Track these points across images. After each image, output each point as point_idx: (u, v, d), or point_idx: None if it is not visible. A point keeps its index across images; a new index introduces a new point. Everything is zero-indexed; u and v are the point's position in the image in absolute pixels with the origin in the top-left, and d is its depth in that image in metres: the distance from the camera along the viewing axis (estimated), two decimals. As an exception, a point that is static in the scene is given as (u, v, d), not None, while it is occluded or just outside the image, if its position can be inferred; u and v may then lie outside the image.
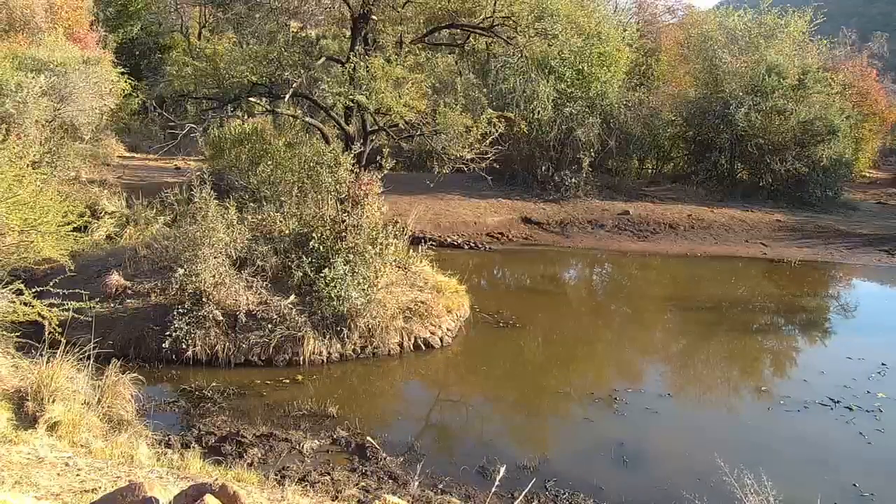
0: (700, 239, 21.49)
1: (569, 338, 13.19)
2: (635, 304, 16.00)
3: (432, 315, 11.99)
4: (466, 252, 18.93)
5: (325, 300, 10.97)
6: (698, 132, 26.23)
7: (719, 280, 18.13)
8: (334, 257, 11.32)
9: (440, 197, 21.69)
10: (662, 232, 21.78)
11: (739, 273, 18.95)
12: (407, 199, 20.05)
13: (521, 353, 12.19)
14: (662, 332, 14.41)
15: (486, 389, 10.80)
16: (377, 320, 11.27)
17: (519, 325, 13.17)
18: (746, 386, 11.44)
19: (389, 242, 12.35)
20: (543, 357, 12.19)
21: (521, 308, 14.21)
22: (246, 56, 14.80)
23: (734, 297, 16.41)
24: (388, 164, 13.20)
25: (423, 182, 20.11)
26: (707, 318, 14.55)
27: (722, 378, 11.99)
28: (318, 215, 12.23)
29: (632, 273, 19.05)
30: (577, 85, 23.18)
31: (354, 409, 9.47)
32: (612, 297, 16.99)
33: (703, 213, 23.11)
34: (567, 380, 11.02)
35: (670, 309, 15.61)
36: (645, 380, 11.63)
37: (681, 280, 18.25)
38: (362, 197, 12.41)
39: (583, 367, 11.85)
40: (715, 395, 11.22)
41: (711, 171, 26.15)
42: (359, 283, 11.18)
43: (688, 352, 13.20)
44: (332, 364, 10.81)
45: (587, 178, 23.49)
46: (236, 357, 10.50)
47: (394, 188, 15.50)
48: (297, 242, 11.86)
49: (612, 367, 12.21)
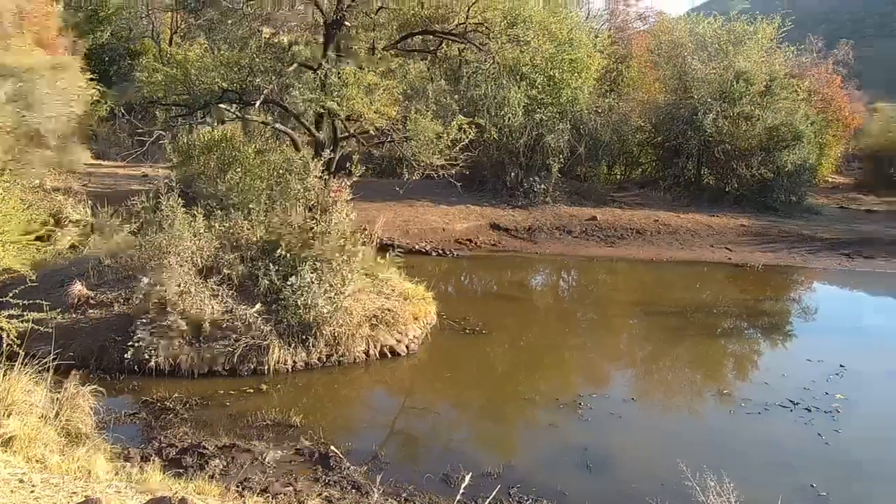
0: (667, 244, 21.70)
1: (535, 344, 13.22)
2: (602, 310, 16.08)
3: (399, 322, 11.96)
4: (434, 259, 18.94)
5: (291, 308, 10.89)
6: (667, 138, 26.50)
7: (685, 285, 18.31)
8: (301, 265, 11.23)
9: (409, 203, 21.72)
10: (630, 237, 21.97)
11: (705, 278, 19.15)
12: (376, 206, 20.03)
13: (488, 360, 12.20)
14: (628, 337, 14.51)
15: (452, 396, 10.78)
16: (343, 328, 11.21)
17: (486, 331, 13.18)
18: (709, 389, 11.55)
19: (357, 250, 12.26)
20: (509, 363, 12.20)
21: (489, 314, 14.23)
22: (217, 62, 14.66)
23: (699, 301, 16.58)
24: (358, 171, 13.13)
25: (392, 189, 20.10)
26: (672, 322, 14.67)
27: (686, 382, 12.09)
28: (286, 223, 12.15)
29: (599, 279, 19.18)
30: (547, 91, 23.31)
31: (319, 418, 9.40)
32: (579, 302, 17.06)
33: (669, 218, 23.35)
34: (533, 386, 11.03)
35: (636, 314, 15.72)
36: (610, 385, 11.69)
37: (647, 285, 18.40)
38: (331, 204, 12.37)
39: (548, 373, 11.87)
40: (678, 398, 11.30)
41: (679, 176, 26.47)
42: (325, 291, 11.11)
43: (653, 356, 13.29)
44: (297, 373, 10.72)
45: (556, 184, 23.65)
46: (200, 367, 10.38)
47: (363, 195, 15.45)
48: (264, 250, 11.77)
49: (578, 373, 12.25)
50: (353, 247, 12.07)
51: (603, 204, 24.27)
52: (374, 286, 12.68)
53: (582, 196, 24.58)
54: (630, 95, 28.13)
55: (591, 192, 25.05)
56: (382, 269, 13.24)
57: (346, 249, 11.87)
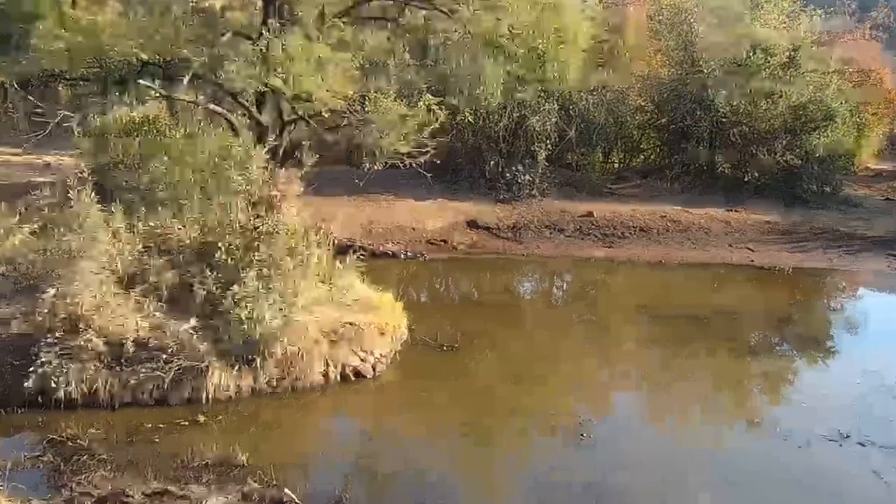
0: (676, 243, 21.91)
1: (524, 360, 13.29)
2: (602, 320, 16.24)
3: (363, 338, 12.00)
4: (403, 262, 19.04)
5: (233, 323, 10.83)
6: (672, 119, 26.73)
7: (699, 291, 18.54)
8: (245, 271, 11.20)
9: (371, 198, 21.73)
10: (632, 236, 22.16)
11: (723, 283, 19.42)
12: (332, 201, 20.01)
13: (468, 380, 12.26)
14: (635, 351, 14.60)
15: (428, 425, 10.82)
16: (297, 346, 11.21)
17: (465, 346, 13.26)
18: (735, 415, 11.66)
19: (311, 253, 12.33)
20: (494, 383, 12.26)
21: (468, 327, 14.30)
22: (134, 29, 14.52)
23: (717, 310, 16.71)
24: (310, 160, 13.25)
25: (351, 180, 19.96)
26: (686, 334, 14.80)
27: (706, 406, 12.23)
28: (225, 221, 12.12)
29: (597, 283, 19.35)
30: (530, 66, 23.40)
31: (269, 454, 9.35)
32: (575, 311, 17.20)
33: (678, 213, 23.59)
34: (523, 409, 11.12)
35: (643, 324, 15.86)
36: (616, 407, 11.82)
37: (655, 291, 18.57)
38: (278, 199, 12.41)
39: (541, 394, 11.95)
40: (698, 425, 11.41)
41: (688, 164, 26.67)
42: (274, 301, 11.10)
43: (665, 374, 13.37)
44: (241, 400, 10.69)
45: (544, 174, 23.77)
46: (121, 396, 10.27)
47: (317, 188, 15.52)
48: (199, 254, 11.72)
49: (577, 393, 12.33)
50: (306, 249, 12.09)
51: (599, 197, 24.44)
52: (332, 295, 12.67)
53: (574, 188, 24.76)
54: (627, 70, 28.35)
55: (585, 184, 25.23)
56: (342, 275, 13.19)
57: (297, 252, 11.88)
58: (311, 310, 11.90)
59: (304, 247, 12.05)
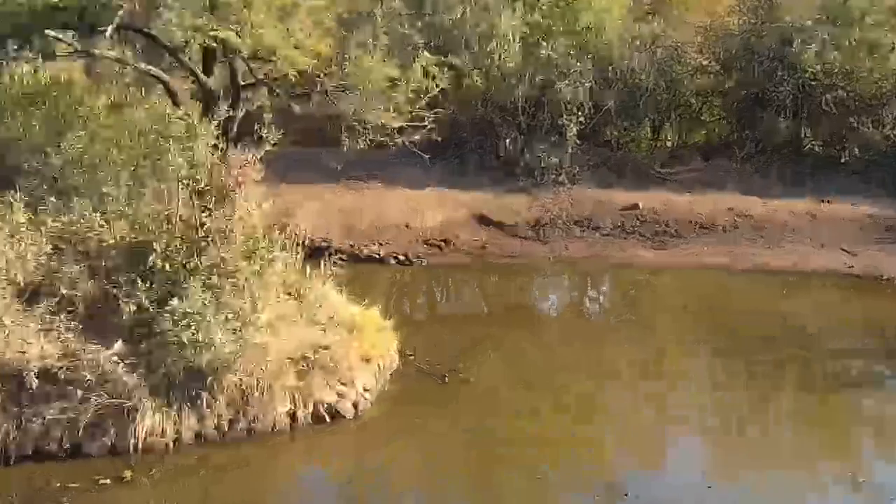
0: (748, 244, 21.75)
1: (546, 396, 13.21)
2: (650, 344, 16.07)
3: (342, 367, 12.02)
4: (393, 269, 19.09)
5: (172, 348, 10.74)
6: (744, 82, 26.61)
7: (780, 307, 18.29)
8: (188, 280, 11.14)
9: (353, 186, 21.72)
10: (690, 235, 22.06)
11: (811, 296, 19.25)
12: (302, 190, 20.00)
13: (476, 421, 12.18)
14: (694, 385, 14.51)
15: (424, 481, 10.79)
16: (255, 378, 11.17)
17: (472, 377, 13.28)
18: (833, 472, 11.51)
19: (275, 257, 12.29)
20: (510, 426, 12.10)
21: (476, 352, 14.35)
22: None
23: (805, 332, 16.55)
24: (273, 137, 13.16)
25: (325, 164, 20.10)
26: (762, 365, 14.64)
27: (793, 459, 12.03)
28: (162, 216, 12.17)
29: (643, 297, 19.24)
30: (557, 15, 23.42)
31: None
32: (614, 333, 17.04)
33: (752, 204, 23.45)
34: (547, 460, 11.05)
35: (704, 351, 15.78)
36: (670, 459, 11.75)
37: (720, 307, 18.43)
38: (232, 187, 12.30)
39: (571, 442, 11.85)
40: (783, 485, 11.15)
41: (764, 140, 26.55)
42: (227, 319, 11.06)
43: (735, 417, 13.24)
44: (182, 450, 10.65)
45: (574, 155, 23.69)
46: (21, 446, 10.21)
47: (282, 173, 15.60)
48: (128, 259, 11.68)
49: (618, 441, 12.23)
50: (267, 252, 12.08)
51: (647, 184, 24.28)
52: (302, 312, 12.67)
53: (615, 173, 24.66)
54: (684, 19, 28.30)
55: (629, 167, 25.08)
56: (315, 285, 13.19)
57: (256, 256, 11.87)
58: (275, 330, 11.87)
59: (265, 249, 12.02)
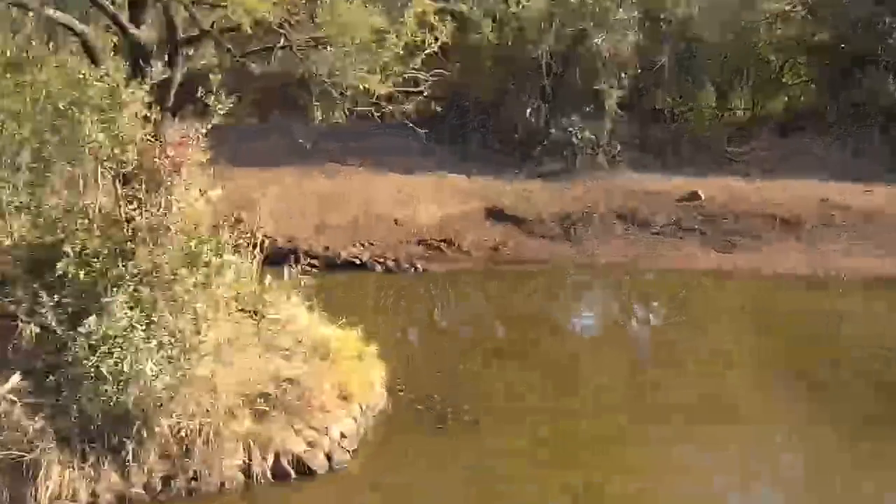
0: (845, 246, 21.80)
1: (577, 446, 13.28)
2: (713, 377, 16.08)
3: (311, 407, 11.99)
4: (379, 277, 19.19)
5: (87, 383, 10.71)
6: (838, 35, 26.68)
7: (885, 328, 18.29)
8: (110, 293, 11.10)
9: (328, 169, 21.93)
10: (765, 233, 22.13)
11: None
12: (261, 175, 20.15)
13: (484, 480, 12.15)
14: (771, 432, 14.40)
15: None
16: (198, 421, 11.12)
17: (478, 419, 13.31)
18: None
19: (225, 262, 12.23)
20: (528, 488, 12.07)
21: (483, 388, 14.44)
22: None
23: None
24: (223, 106, 13.06)
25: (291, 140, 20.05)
26: (862, 402, 14.67)
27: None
28: (75, 210, 12.17)
29: (705, 315, 19.25)
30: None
31: None
32: (664, 364, 17.01)
33: (849, 194, 23.46)
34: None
35: (784, 387, 15.78)
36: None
37: (805, 329, 18.39)
38: (169, 171, 12.24)
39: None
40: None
41: (863, 109, 26.56)
42: (160, 345, 11.03)
43: (829, 475, 13.14)
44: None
45: (615, 129, 23.73)
46: None
47: (235, 152, 15.65)
48: (29, 265, 11.72)
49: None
50: (215, 256, 12.01)
51: (710, 168, 24.40)
52: (259, 334, 12.67)
53: (668, 153, 24.75)
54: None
55: (686, 145, 25.22)
56: (277, 299, 13.24)
57: (200, 262, 11.82)
58: (224, 359, 11.81)
59: (211, 252, 11.95)
